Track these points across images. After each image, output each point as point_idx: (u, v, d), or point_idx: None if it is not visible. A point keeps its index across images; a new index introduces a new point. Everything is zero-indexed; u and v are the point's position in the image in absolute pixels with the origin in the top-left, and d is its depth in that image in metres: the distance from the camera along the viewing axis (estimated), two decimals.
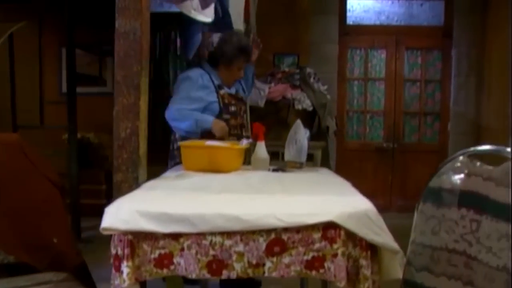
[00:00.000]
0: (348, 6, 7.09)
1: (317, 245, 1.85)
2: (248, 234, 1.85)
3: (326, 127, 5.68)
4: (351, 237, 1.88)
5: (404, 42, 7.05)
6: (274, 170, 3.08)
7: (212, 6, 3.30)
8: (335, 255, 1.83)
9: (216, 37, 3.72)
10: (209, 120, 3.41)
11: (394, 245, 1.94)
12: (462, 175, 1.83)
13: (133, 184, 2.44)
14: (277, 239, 1.85)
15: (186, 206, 1.96)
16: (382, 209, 2.07)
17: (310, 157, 5.44)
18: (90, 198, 5.92)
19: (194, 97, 3.46)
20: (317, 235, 1.84)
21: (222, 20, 3.71)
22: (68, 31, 5.23)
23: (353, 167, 6.90)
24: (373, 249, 1.96)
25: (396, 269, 2.01)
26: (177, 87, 3.56)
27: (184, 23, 3.33)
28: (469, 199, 1.77)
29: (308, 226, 1.84)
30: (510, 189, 1.62)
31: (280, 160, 5.22)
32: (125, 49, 2.44)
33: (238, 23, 4.40)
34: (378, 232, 1.91)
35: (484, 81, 6.77)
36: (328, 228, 1.84)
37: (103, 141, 6.52)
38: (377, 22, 7.13)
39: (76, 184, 5.30)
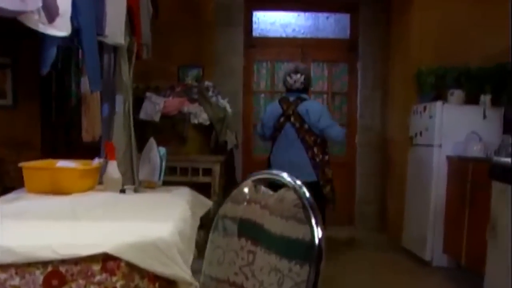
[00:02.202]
0: (254, 18, 7.02)
1: (97, 278, 1.76)
2: (24, 267, 1.74)
3: (224, 141, 5.57)
4: (137, 268, 1.79)
5: (310, 54, 7.02)
6: (121, 191, 2.98)
7: (65, 18, 3.13)
8: None
9: (295, 75, 4.87)
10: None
11: (186, 276, 1.86)
12: (244, 203, 1.75)
13: None
14: (55, 272, 1.75)
15: None
16: None
17: (209, 172, 5.35)
18: None
19: None
20: (97, 267, 1.76)
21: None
22: None
23: None
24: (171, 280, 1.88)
25: None
26: (326, 115, 4.89)
27: (39, 35, 3.16)
28: (247, 229, 1.68)
29: (87, 258, 1.74)
30: (282, 219, 1.54)
31: (179, 175, 5.17)
32: None
33: (118, 37, 4.26)
34: (167, 263, 1.84)
35: (389, 94, 6.84)
36: (108, 260, 1.75)
37: (4, 156, 6.28)
38: (284, 35, 7.10)
39: None
